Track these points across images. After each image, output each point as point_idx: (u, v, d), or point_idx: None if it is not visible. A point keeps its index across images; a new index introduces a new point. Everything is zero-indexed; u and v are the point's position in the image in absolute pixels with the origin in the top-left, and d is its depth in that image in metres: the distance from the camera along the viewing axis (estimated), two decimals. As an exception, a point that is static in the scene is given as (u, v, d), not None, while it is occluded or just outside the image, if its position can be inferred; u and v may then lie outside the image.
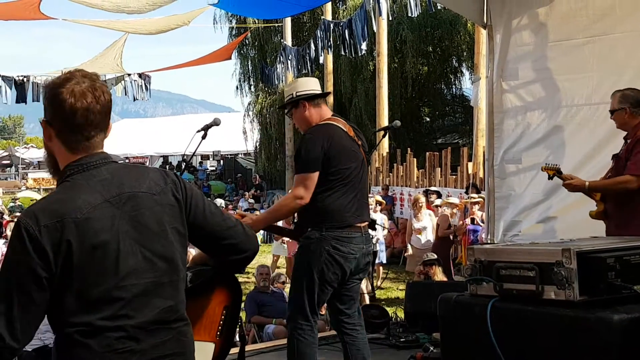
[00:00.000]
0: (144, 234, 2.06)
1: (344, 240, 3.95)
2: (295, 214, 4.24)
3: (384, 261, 11.63)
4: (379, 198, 11.22)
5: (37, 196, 26.08)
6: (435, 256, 8.89)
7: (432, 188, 13.83)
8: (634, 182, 4.44)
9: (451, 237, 10.46)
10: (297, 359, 4.00)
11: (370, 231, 4.19)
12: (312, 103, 4.19)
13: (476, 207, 10.13)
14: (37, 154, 42.06)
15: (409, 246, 11.26)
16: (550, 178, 4.87)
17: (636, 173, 4.46)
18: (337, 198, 3.96)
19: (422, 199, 11.53)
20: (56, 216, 1.94)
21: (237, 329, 2.83)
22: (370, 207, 10.85)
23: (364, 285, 10.08)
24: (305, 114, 4.19)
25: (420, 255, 10.03)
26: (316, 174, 3.94)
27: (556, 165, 4.92)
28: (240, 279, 2.86)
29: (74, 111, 2.01)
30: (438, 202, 11.88)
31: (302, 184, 3.96)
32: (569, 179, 4.77)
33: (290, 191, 4.33)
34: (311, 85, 4.29)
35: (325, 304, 4.30)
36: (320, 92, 4.26)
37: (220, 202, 21.38)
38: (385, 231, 11.41)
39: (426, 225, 11.00)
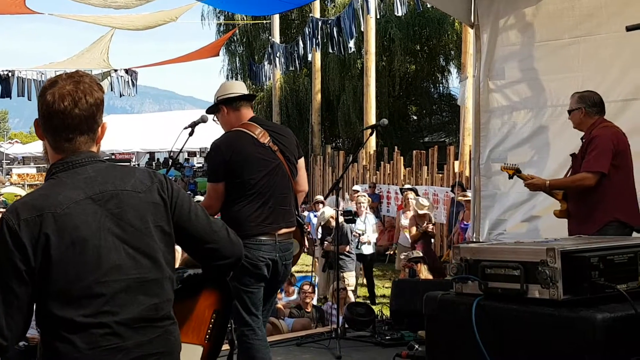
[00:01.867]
0: (127, 231, 2.06)
1: (252, 247, 3.91)
2: None
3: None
4: (362, 200, 11.19)
5: (22, 192, 25.87)
6: (421, 254, 8.93)
7: (407, 186, 13.84)
8: (591, 178, 4.57)
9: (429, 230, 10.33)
10: None
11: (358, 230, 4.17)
12: (230, 107, 4.15)
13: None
14: (22, 149, 41.72)
15: (393, 245, 11.28)
16: (510, 177, 4.99)
17: (591, 170, 4.58)
18: (242, 207, 3.95)
19: (411, 196, 11.53)
20: (36, 210, 1.96)
21: (227, 334, 2.81)
22: (362, 205, 10.86)
23: (353, 281, 10.12)
24: (225, 117, 4.17)
25: (406, 253, 10.06)
26: (220, 185, 3.96)
27: (515, 165, 5.05)
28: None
29: (51, 114, 2.06)
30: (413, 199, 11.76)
31: (208, 194, 4.05)
32: (529, 178, 4.92)
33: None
34: (233, 88, 4.23)
35: (315, 302, 4.28)
36: (239, 94, 4.18)
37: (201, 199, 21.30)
38: (376, 234, 11.42)
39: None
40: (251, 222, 3.94)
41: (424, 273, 8.39)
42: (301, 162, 4.27)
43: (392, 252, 12.32)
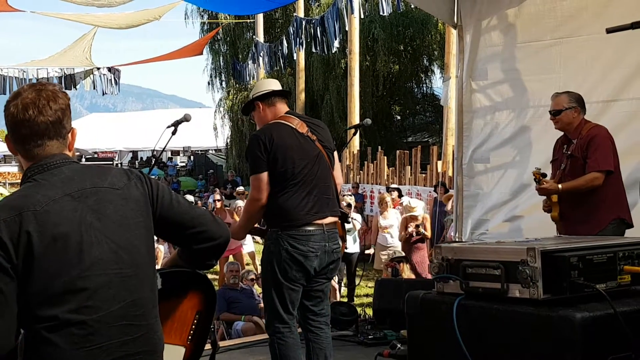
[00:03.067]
0: (108, 226, 2.07)
1: (301, 238, 3.90)
2: None
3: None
4: (349, 200, 11.20)
5: (3, 190, 25.66)
6: (403, 254, 8.97)
7: (393, 185, 13.88)
8: (600, 178, 4.55)
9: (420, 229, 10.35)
10: None
11: (346, 225, 4.17)
12: (265, 103, 4.15)
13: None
14: (3, 147, 41.35)
15: (372, 247, 11.31)
16: (536, 181, 4.85)
17: (601, 169, 4.57)
18: (289, 197, 3.92)
19: (388, 198, 11.57)
20: (15, 210, 1.97)
21: (209, 335, 2.80)
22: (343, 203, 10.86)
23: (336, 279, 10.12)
24: (261, 114, 4.16)
25: (387, 254, 10.10)
26: (264, 174, 3.92)
27: (540, 169, 4.91)
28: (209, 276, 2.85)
29: (17, 124, 2.10)
30: (405, 200, 11.84)
31: (253, 186, 3.99)
32: (545, 183, 4.80)
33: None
34: (267, 85, 4.25)
35: None
36: (273, 90, 4.19)
37: (189, 198, 21.24)
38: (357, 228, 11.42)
39: (392, 224, 11.04)
40: (299, 211, 3.90)
41: (407, 272, 8.44)
42: (335, 154, 4.25)
43: (369, 252, 12.35)
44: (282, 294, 3.96)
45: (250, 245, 12.49)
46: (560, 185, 4.70)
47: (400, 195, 12.77)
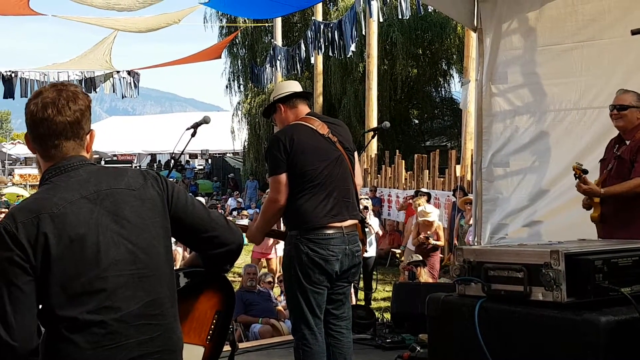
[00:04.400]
0: (125, 227, 2.09)
1: (321, 242, 3.87)
2: None
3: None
4: (365, 202, 11.14)
5: (24, 192, 25.89)
6: (420, 257, 8.93)
7: (423, 190, 13.82)
8: None
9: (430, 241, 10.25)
10: None
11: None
12: (287, 104, 4.13)
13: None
14: (24, 149, 41.67)
15: (401, 248, 11.23)
16: (575, 176, 4.71)
17: None
18: (308, 199, 3.89)
19: (421, 200, 11.48)
20: (32, 212, 2.00)
21: (228, 335, 2.80)
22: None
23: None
24: (282, 115, 4.14)
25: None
26: (283, 175, 3.89)
27: (582, 165, 4.70)
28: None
29: (36, 122, 2.12)
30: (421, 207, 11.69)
31: (273, 187, 3.97)
32: (588, 184, 4.62)
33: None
34: (288, 87, 4.23)
35: None
36: (295, 91, 4.17)
37: (202, 200, 21.31)
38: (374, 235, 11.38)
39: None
40: (318, 213, 3.87)
41: (424, 276, 8.40)
42: (356, 154, 4.22)
43: (398, 254, 12.29)
44: (307, 298, 3.91)
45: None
46: (602, 190, 4.55)
47: (428, 200, 12.69)
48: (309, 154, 3.90)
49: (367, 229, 10.20)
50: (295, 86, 4.25)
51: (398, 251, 11.74)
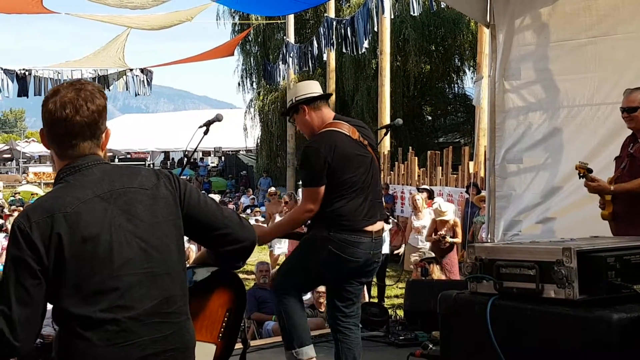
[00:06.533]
0: (139, 226, 2.10)
1: (351, 244, 3.89)
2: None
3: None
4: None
5: (38, 190, 26.11)
6: (433, 254, 8.91)
7: (423, 186, 13.78)
8: None
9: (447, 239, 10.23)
10: (288, 322, 4.00)
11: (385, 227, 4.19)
12: (311, 106, 4.11)
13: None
14: (38, 148, 42.04)
15: (403, 246, 11.21)
16: (580, 176, 4.70)
17: None
18: (346, 204, 3.90)
19: (418, 196, 11.49)
20: (46, 212, 2.02)
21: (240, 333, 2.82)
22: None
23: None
24: (306, 118, 4.12)
25: (418, 255, 10.01)
26: (322, 187, 3.89)
27: (588, 164, 4.73)
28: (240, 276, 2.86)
29: (54, 122, 2.12)
30: (436, 204, 11.70)
31: (310, 199, 3.94)
32: (595, 181, 4.61)
33: (299, 204, 4.29)
34: (310, 88, 4.21)
35: (325, 301, 4.32)
36: (319, 94, 4.16)
37: (216, 198, 21.38)
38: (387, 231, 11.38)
39: (425, 224, 10.96)
40: (357, 216, 3.90)
41: (437, 273, 8.37)
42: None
43: (399, 252, 12.28)
44: (308, 278, 4.05)
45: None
46: (612, 187, 4.53)
47: (430, 197, 12.66)
48: (348, 163, 3.92)
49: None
50: (316, 87, 4.24)
51: (400, 250, 11.72)
